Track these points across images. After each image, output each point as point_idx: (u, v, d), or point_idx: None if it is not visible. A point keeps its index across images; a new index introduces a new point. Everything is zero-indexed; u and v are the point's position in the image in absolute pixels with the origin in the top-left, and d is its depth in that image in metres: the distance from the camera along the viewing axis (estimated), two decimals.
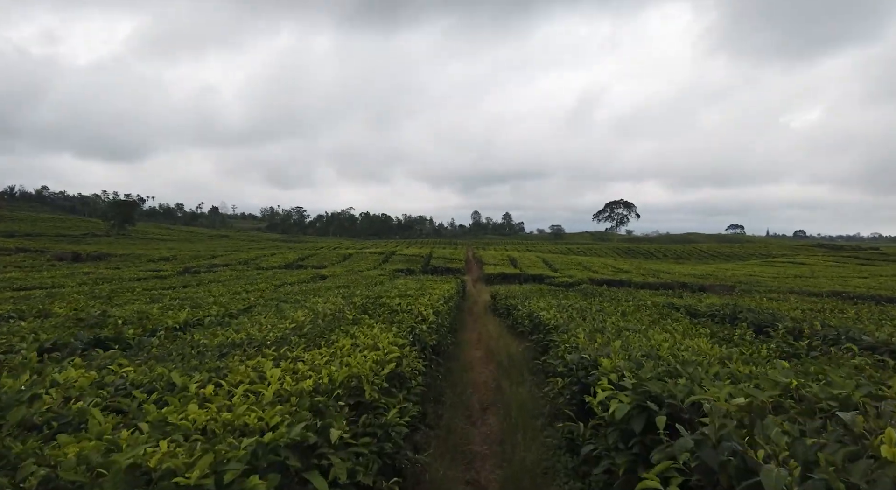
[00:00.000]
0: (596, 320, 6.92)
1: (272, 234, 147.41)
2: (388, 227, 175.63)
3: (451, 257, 44.23)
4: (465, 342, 10.97)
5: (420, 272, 32.73)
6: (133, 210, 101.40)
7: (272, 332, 5.27)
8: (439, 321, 7.72)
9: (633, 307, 9.28)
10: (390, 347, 4.20)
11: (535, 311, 8.69)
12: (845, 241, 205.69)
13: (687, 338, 5.91)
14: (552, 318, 7.28)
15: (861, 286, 25.59)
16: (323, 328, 5.47)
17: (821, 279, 32.16)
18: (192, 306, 8.63)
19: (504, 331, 11.48)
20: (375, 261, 38.77)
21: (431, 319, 6.82)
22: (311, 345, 4.56)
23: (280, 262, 34.95)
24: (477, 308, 19.69)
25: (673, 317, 8.39)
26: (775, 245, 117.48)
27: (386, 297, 9.12)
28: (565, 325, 6.43)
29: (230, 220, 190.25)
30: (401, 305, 7.57)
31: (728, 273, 38.61)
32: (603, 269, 39.60)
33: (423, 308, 7.26)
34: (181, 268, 29.08)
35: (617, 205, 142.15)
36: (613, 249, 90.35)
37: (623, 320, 7.36)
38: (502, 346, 9.17)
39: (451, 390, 6.25)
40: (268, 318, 6.71)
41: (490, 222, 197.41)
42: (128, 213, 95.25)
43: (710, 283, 27.88)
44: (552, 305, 9.16)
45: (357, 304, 7.81)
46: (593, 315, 7.55)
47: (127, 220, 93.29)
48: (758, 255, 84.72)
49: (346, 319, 6.35)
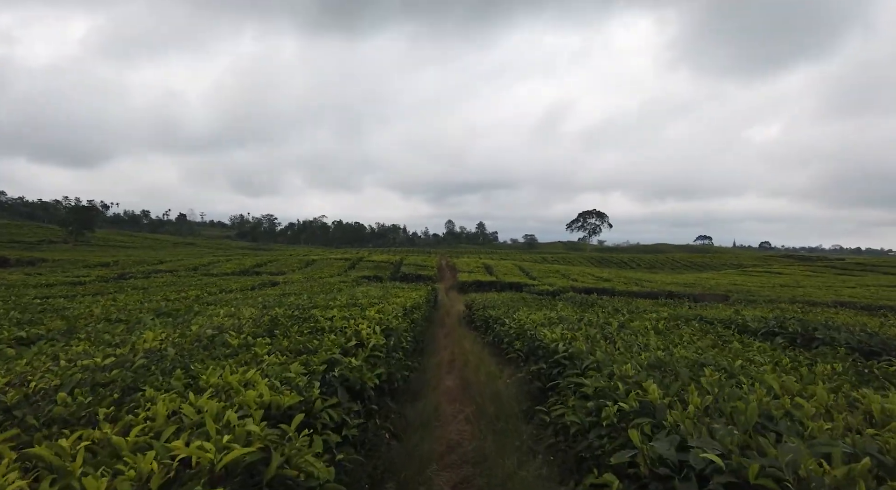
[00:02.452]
0: (630, 344, 4.52)
1: (241, 242, 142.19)
2: (362, 235, 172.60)
3: (423, 264, 41.59)
4: (433, 367, 8.46)
5: (388, 279, 30.02)
6: (92, 216, 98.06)
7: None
8: (393, 343, 5.21)
9: (661, 322, 6.91)
10: (245, 430, 1.72)
11: (528, 327, 6.23)
12: (808, 252, 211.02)
13: (785, 375, 3.55)
14: (560, 339, 4.85)
15: (857, 296, 24.10)
16: (141, 374, 2.90)
17: (809, 289, 30.77)
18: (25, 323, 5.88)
19: (483, 350, 9.01)
20: (341, 267, 35.85)
21: (376, 343, 4.29)
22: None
23: (235, 269, 31.76)
24: (450, 319, 17.16)
25: (721, 335, 6.07)
26: (745, 256, 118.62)
27: (320, 309, 6.53)
28: (589, 353, 4.00)
29: (198, 228, 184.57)
30: (334, 320, 5.02)
31: (711, 282, 37.11)
32: (583, 277, 37.61)
33: (367, 325, 4.73)
34: (116, 274, 25.71)
35: (589, 215, 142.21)
36: (587, 259, 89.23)
37: (660, 339, 5.00)
38: (483, 375, 6.67)
39: (405, 468, 3.70)
40: (80, 345, 4.03)
41: (464, 231, 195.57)
42: (86, 219, 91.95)
43: (700, 292, 26.01)
44: (551, 320, 6.71)
45: (266, 320, 5.21)
46: (621, 335, 5.13)
47: (85, 226, 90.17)
48: (730, 265, 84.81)
49: (229, 345, 3.77)
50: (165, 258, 42.82)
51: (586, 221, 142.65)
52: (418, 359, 9.18)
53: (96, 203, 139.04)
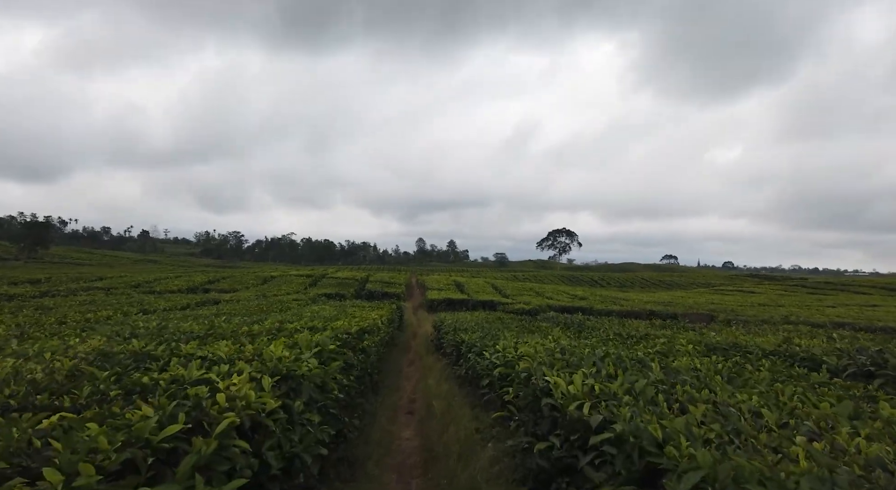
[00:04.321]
0: (695, 396, 2.57)
1: (206, 260, 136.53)
2: (331, 253, 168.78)
3: (391, 281, 39.25)
4: (388, 410, 6.36)
5: (353, 297, 27.64)
6: (46, 232, 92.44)
7: None
8: (304, 402, 3.11)
9: (720, 363, 4.90)
10: None
11: (524, 368, 4.17)
12: (769, 272, 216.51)
13: None
14: (584, 395, 2.85)
15: (845, 316, 22.97)
16: None
17: (791, 308, 29.80)
18: None
19: (454, 388, 6.97)
20: (301, 284, 33.16)
21: (254, 416, 2.19)
22: None
23: (182, 286, 28.79)
24: (416, 342, 15.01)
25: (796, 379, 4.20)
26: (711, 275, 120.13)
27: (212, 339, 4.37)
28: (672, 445, 2.01)
29: (162, 245, 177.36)
30: (190, 371, 2.87)
31: (689, 300, 35.99)
32: (557, 295, 35.96)
33: (241, 386, 2.62)
34: (39, 291, 22.62)
35: (560, 233, 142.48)
36: (558, 277, 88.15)
37: (740, 393, 3.07)
38: (454, 433, 4.62)
39: None
40: None
41: (435, 249, 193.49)
42: (40, 235, 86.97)
43: (682, 312, 24.50)
44: (552, 354, 4.67)
45: (65, 366, 3.04)
46: (685, 388, 3.13)
47: (38, 242, 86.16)
48: (697, 284, 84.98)
49: None
50: (107, 275, 39.26)
51: (556, 240, 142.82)
52: (372, 398, 7.06)
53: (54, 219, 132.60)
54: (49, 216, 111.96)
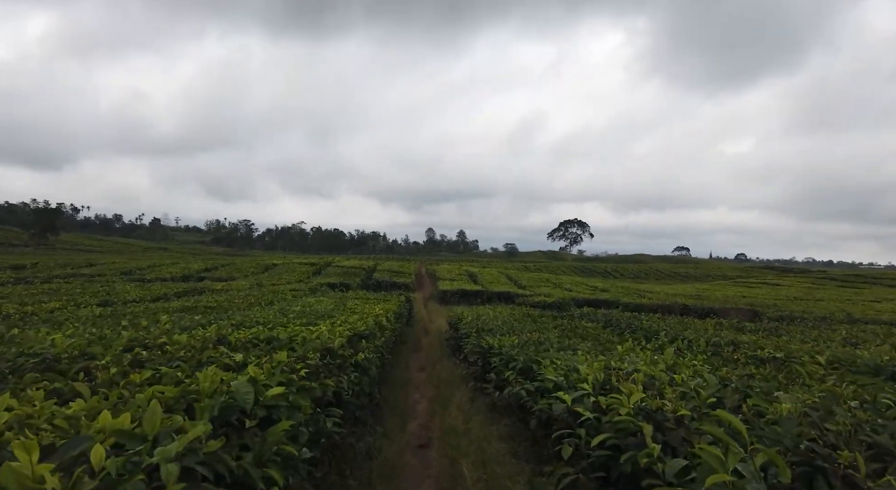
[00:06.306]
0: None
1: (216, 248, 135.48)
2: (341, 242, 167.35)
3: (399, 271, 37.23)
4: (393, 453, 4.34)
5: (358, 287, 25.68)
6: (56, 219, 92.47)
7: None
8: None
9: None
10: None
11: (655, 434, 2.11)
12: (783, 264, 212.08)
13: None
14: None
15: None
16: None
17: (829, 302, 27.46)
18: None
19: (488, 424, 4.91)
20: (304, 273, 31.22)
21: None
22: None
23: (176, 273, 26.99)
24: (428, 341, 12.96)
25: None
26: (726, 267, 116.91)
27: None
28: None
29: (172, 233, 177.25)
30: None
31: (717, 293, 33.64)
32: (576, 286, 33.78)
33: None
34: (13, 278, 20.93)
35: (571, 224, 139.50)
36: (569, 268, 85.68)
37: None
38: None
39: None
40: None
41: (445, 240, 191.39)
42: (49, 221, 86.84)
43: (719, 306, 22.18)
44: (685, 395, 2.63)
45: None
46: None
47: (48, 229, 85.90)
48: (713, 276, 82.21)
49: None
50: (98, 261, 37.55)
51: (567, 231, 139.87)
52: (371, 426, 5.04)
53: (66, 207, 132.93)
54: (61, 203, 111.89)
